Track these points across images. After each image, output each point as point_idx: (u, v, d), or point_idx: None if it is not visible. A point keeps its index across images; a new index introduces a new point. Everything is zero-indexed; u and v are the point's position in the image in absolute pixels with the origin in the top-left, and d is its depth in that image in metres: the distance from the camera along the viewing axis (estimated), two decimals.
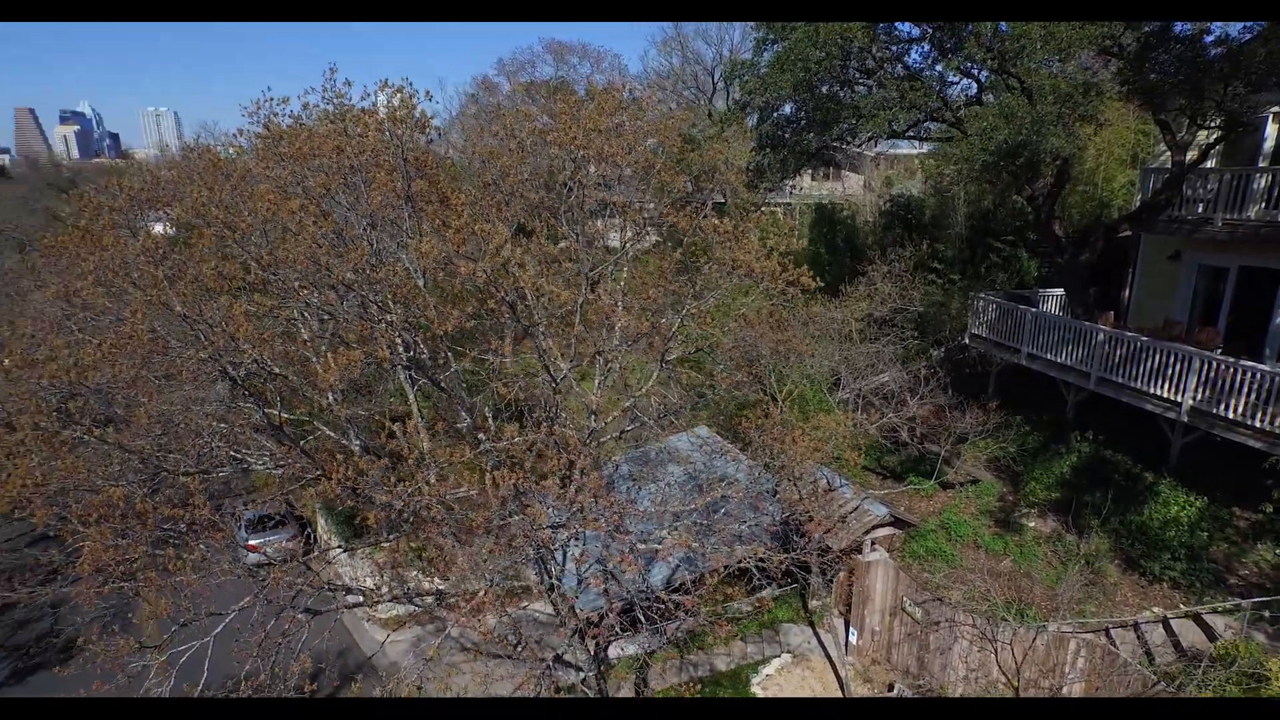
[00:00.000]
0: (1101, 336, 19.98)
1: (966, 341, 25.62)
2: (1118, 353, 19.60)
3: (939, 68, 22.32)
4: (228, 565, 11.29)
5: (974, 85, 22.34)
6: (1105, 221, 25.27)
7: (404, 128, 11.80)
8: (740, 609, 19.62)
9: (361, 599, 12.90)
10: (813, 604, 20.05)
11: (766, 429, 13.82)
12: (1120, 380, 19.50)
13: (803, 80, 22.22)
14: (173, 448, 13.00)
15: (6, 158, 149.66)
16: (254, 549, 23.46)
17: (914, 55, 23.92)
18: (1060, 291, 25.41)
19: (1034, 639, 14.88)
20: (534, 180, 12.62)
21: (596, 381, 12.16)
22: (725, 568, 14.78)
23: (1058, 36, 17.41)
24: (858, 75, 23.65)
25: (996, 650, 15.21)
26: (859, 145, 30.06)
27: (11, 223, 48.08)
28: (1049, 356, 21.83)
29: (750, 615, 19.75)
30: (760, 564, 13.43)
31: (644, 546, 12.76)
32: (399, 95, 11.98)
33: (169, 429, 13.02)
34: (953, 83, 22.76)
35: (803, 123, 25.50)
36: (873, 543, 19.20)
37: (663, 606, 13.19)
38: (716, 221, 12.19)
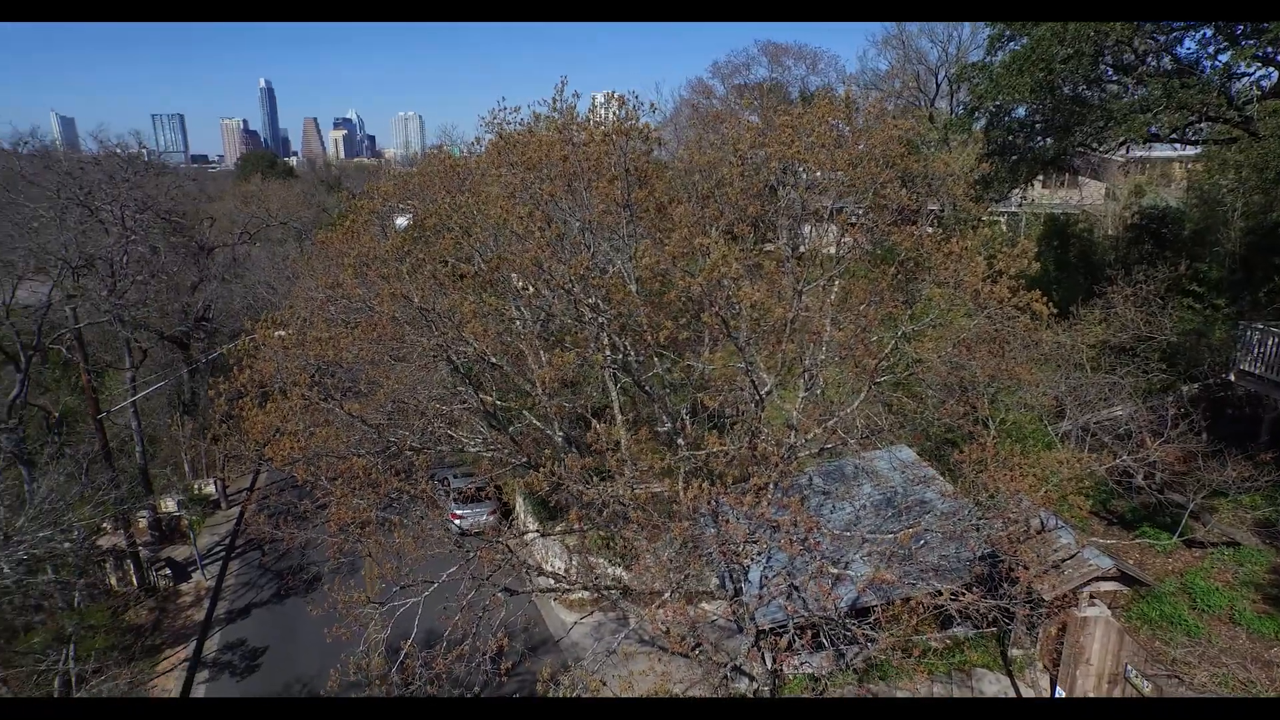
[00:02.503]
0: None
1: (1231, 379, 21.97)
2: None
3: (1223, 57, 19.18)
4: (441, 536, 12.44)
5: (1275, 74, 18.93)
6: None
7: (627, 138, 12.23)
8: (928, 644, 18.35)
9: (554, 584, 13.63)
10: (1013, 652, 18.27)
11: (976, 458, 12.75)
12: None
13: (1043, 81, 20.20)
14: (400, 424, 14.57)
15: (295, 160, 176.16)
16: (456, 517, 25.55)
17: (1188, 44, 20.81)
18: None
19: None
20: (749, 189, 12.55)
21: (799, 396, 11.86)
22: (919, 602, 13.88)
23: None
24: (1111, 72, 21.10)
25: None
26: (1104, 150, 26.84)
27: (294, 215, 56.35)
28: None
29: (940, 653, 18.40)
30: (960, 602, 12.43)
31: (835, 571, 12.29)
32: (623, 106, 12.44)
33: (399, 406, 14.61)
34: (1241, 74, 19.41)
35: (1038, 126, 23.27)
36: (1091, 596, 17.11)
37: (847, 632, 12.67)
38: (938, 238, 11.41)
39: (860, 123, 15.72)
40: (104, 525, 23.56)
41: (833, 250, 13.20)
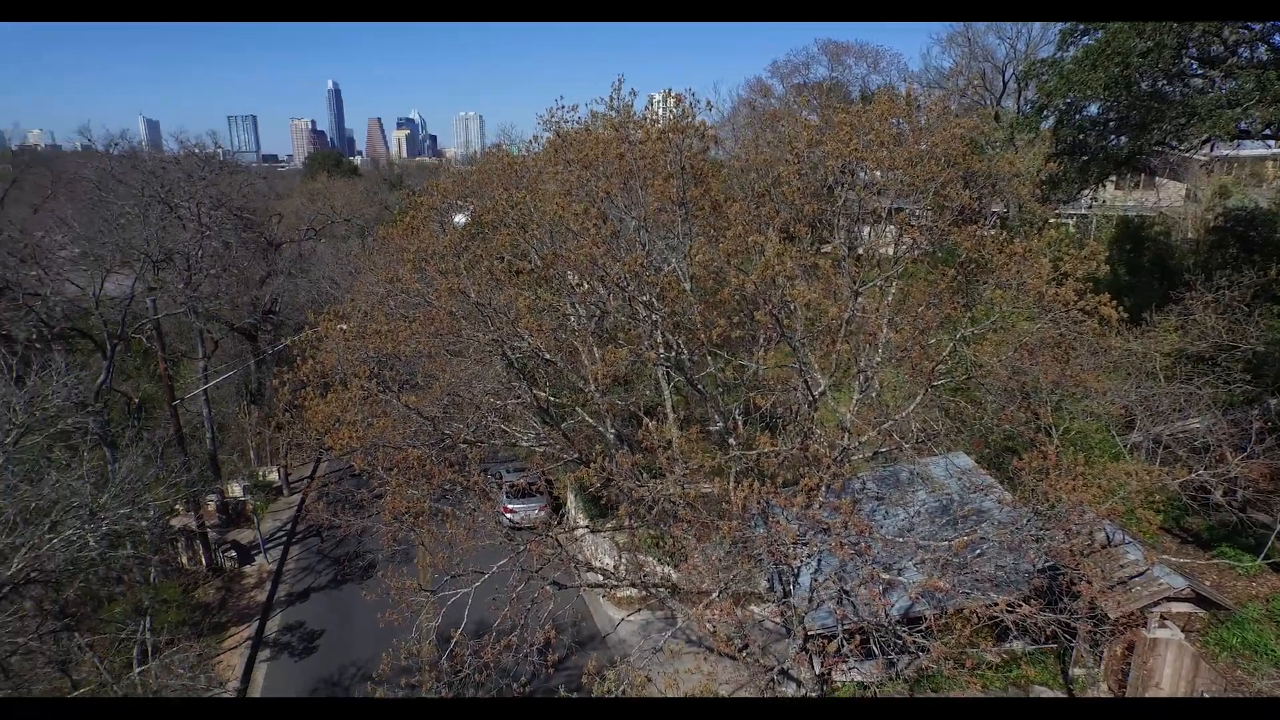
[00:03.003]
0: None
1: None
2: None
3: None
4: (493, 527, 12.67)
5: None
6: None
7: (683, 135, 12.22)
8: (983, 657, 17.80)
9: (602, 579, 13.71)
10: (1074, 671, 17.58)
11: (1037, 466, 12.33)
12: None
13: (1119, 76, 19.33)
14: (456, 417, 14.87)
15: (360, 159, 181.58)
16: (508, 511, 25.88)
17: None
18: None
19: None
20: (806, 189, 12.40)
21: (854, 398, 11.66)
22: (973, 612, 13.49)
23: None
24: (1195, 66, 20.07)
25: None
26: (1185, 149, 25.57)
27: (357, 213, 58.09)
28: None
29: (995, 667, 17.84)
30: (1016, 614, 12.02)
31: (886, 577, 12.04)
32: (679, 104, 12.42)
33: (454, 400, 14.92)
34: None
35: (1111, 125, 22.33)
36: (1163, 617, 16.36)
37: (898, 640, 12.40)
38: (1001, 239, 11.08)
39: (922, 121, 15.36)
40: (177, 506, 24.72)
41: (890, 251, 12.94)
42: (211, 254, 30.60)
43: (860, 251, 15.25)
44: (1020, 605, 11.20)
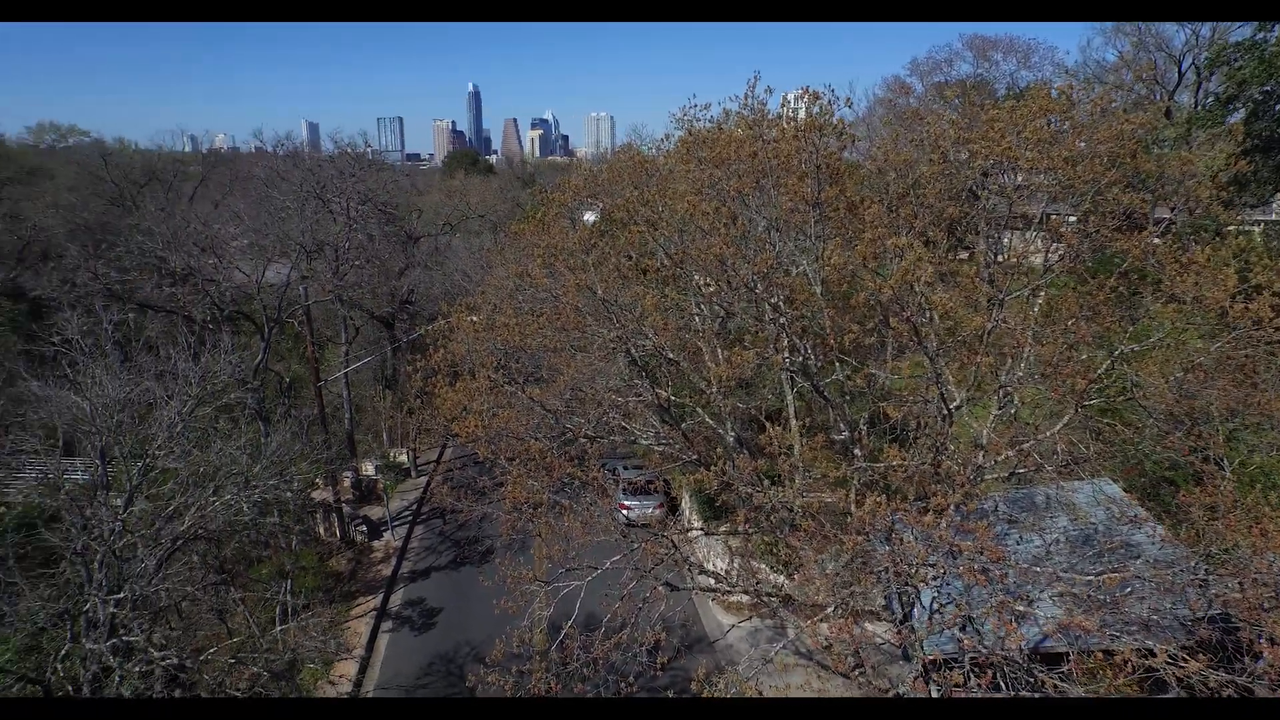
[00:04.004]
0: None
1: None
2: None
3: None
4: (608, 523, 12.76)
5: None
6: None
7: (820, 134, 11.82)
8: None
9: (714, 584, 13.52)
10: None
11: (1208, 502, 11.00)
12: None
13: None
14: (577, 411, 15.12)
15: (495, 158, 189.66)
16: (624, 508, 26.10)
17: None
18: None
19: None
20: (947, 191, 11.69)
21: (991, 414, 10.88)
22: (1126, 659, 12.24)
23: None
24: None
25: None
26: None
27: (491, 209, 60.57)
28: None
29: None
30: (1182, 670, 10.78)
31: (1020, 608, 11.15)
32: (817, 101, 12.02)
33: (576, 395, 15.17)
34: None
35: None
36: None
37: (1031, 678, 11.47)
38: (1173, 248, 9.99)
39: (1083, 118, 14.14)
40: (317, 480, 26.63)
41: (1038, 260, 11.98)
42: (357, 246, 32.82)
43: (1003, 259, 14.23)
44: (1187, 659, 10.03)
